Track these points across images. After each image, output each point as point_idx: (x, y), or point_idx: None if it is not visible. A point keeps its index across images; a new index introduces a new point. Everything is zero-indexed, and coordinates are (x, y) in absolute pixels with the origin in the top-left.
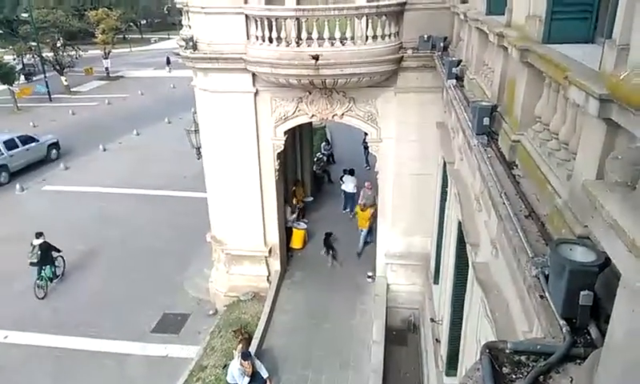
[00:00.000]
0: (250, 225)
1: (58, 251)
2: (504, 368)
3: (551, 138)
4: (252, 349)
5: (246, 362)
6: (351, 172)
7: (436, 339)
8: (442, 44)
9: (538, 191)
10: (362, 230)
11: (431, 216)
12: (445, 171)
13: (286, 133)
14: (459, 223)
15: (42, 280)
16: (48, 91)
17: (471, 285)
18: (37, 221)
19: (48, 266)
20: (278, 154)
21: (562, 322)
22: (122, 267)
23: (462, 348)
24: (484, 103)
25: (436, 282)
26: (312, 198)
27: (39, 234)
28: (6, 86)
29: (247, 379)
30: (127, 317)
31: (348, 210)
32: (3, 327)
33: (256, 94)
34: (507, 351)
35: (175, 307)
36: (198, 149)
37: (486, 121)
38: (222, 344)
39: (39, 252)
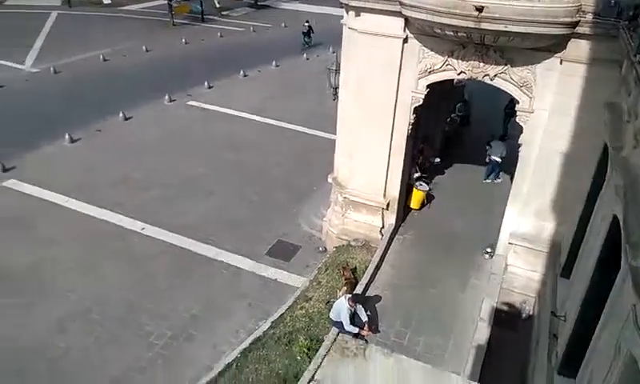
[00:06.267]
0: (373, 174)
1: (313, 32)
2: None
3: None
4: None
5: (354, 304)
6: (501, 138)
7: (553, 334)
8: (630, 12)
9: None
10: None
11: (573, 202)
12: (605, 156)
13: (428, 87)
14: (614, 218)
15: (304, 44)
16: (202, 11)
17: (619, 288)
18: (179, 130)
19: (308, 37)
20: (416, 107)
21: None
22: (244, 190)
23: (590, 352)
24: None
25: (565, 275)
26: (439, 160)
27: (307, 21)
28: (166, 1)
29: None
30: (245, 235)
31: (490, 179)
32: (142, 220)
33: (405, 40)
34: None
35: (288, 237)
36: (335, 89)
37: None
38: (327, 281)
39: (308, 28)
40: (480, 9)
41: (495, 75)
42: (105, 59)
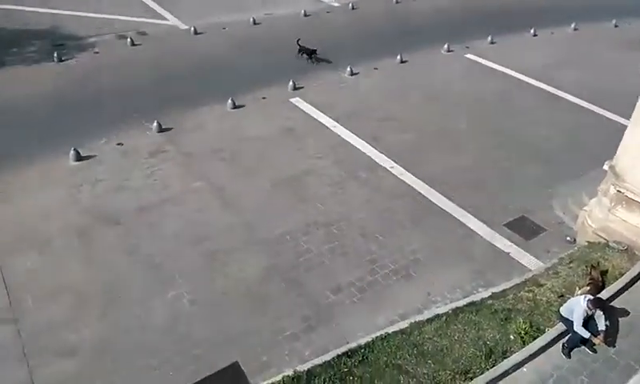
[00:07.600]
0: None
1: None
2: None
3: None
4: None
5: (594, 308)
6: None
7: None
8: None
9: None
10: None
11: None
12: None
13: None
14: None
15: None
16: None
17: None
18: (449, 81)
19: None
20: None
21: None
22: (497, 154)
23: None
24: None
25: None
26: None
27: None
28: None
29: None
30: (487, 201)
31: None
32: (392, 158)
33: None
34: None
35: (534, 215)
36: None
37: None
38: (567, 275)
39: None
40: None
41: None
42: (397, 1)
